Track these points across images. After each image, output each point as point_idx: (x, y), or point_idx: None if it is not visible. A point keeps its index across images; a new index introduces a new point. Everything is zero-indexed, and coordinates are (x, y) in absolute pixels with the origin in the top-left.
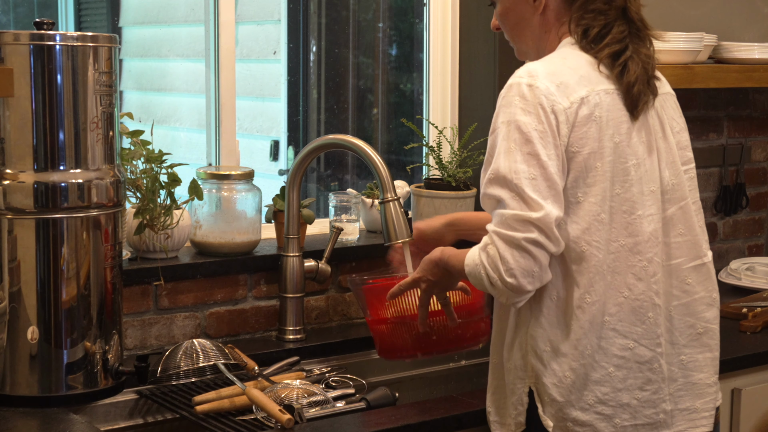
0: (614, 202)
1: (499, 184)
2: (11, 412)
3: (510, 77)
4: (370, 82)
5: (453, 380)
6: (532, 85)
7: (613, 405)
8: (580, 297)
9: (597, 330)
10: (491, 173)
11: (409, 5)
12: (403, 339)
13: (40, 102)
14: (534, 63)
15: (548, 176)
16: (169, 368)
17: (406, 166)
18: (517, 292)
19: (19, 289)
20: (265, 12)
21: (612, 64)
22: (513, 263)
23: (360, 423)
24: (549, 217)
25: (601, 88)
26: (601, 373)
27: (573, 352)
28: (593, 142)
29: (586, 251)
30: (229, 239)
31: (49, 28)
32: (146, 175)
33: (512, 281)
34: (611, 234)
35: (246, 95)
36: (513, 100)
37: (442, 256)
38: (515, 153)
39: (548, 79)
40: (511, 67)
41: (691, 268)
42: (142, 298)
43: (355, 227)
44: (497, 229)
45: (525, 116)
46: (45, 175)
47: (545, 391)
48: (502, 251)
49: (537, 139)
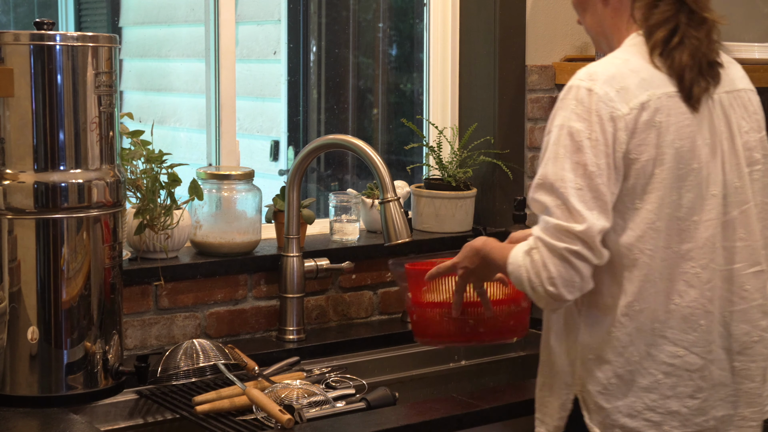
0: (670, 208)
1: (546, 191)
2: (11, 412)
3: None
4: (370, 82)
5: (453, 380)
6: (591, 90)
7: (662, 412)
8: (627, 304)
9: (645, 337)
10: (539, 178)
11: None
12: (438, 324)
13: (40, 102)
14: (596, 64)
15: (595, 187)
16: (169, 368)
17: (406, 166)
18: (556, 300)
19: (20, 289)
20: (265, 12)
21: (663, 53)
22: (555, 272)
23: (360, 423)
24: (592, 230)
25: (663, 91)
26: (650, 380)
27: (618, 359)
28: (652, 148)
29: (639, 259)
30: (229, 239)
31: (49, 28)
32: (146, 175)
33: (553, 290)
34: (665, 241)
35: (246, 95)
36: (570, 103)
37: (484, 246)
38: (564, 160)
39: (608, 83)
40: (511, 67)
41: (750, 274)
42: (142, 298)
43: (355, 227)
44: (542, 236)
45: (579, 123)
46: (45, 175)
47: (591, 398)
48: (545, 259)
49: (588, 148)
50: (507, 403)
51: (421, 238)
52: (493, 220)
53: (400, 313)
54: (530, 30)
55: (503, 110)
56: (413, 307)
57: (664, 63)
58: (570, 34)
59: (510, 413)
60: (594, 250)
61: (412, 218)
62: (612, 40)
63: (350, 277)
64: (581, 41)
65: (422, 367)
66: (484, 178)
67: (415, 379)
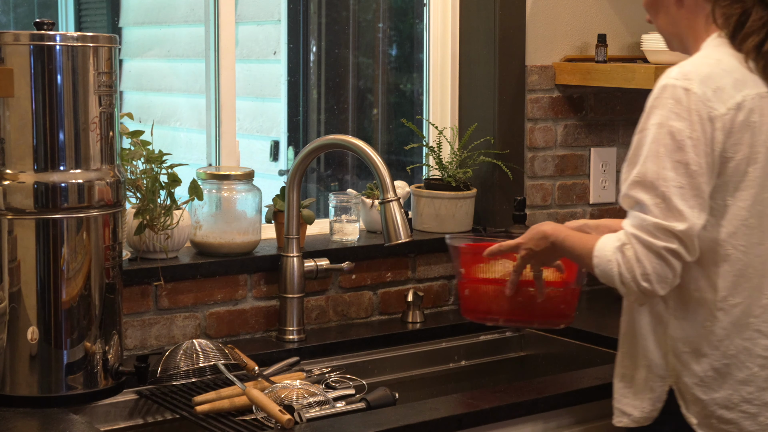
0: (762, 206)
1: (644, 188)
2: (11, 412)
3: (662, 76)
4: (370, 82)
5: (453, 380)
6: (689, 90)
7: (758, 404)
8: (722, 299)
9: (740, 331)
10: (638, 176)
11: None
12: (489, 301)
13: (40, 102)
14: (687, 64)
15: (696, 185)
16: (169, 368)
17: (406, 166)
18: (648, 295)
19: (19, 289)
20: (265, 12)
21: (757, 58)
22: (650, 269)
23: (360, 423)
24: (692, 230)
25: (756, 92)
26: (746, 373)
27: (715, 353)
28: (746, 147)
29: (732, 255)
30: (229, 239)
31: (49, 29)
32: (146, 175)
33: (647, 286)
34: (758, 238)
35: (246, 95)
36: (667, 102)
37: (556, 232)
38: (664, 159)
39: (704, 83)
40: (511, 67)
41: None
42: (142, 298)
43: (355, 227)
44: (637, 233)
45: (679, 122)
46: (45, 176)
47: (688, 390)
48: (640, 255)
49: (689, 147)
50: (507, 403)
51: (421, 238)
52: (493, 220)
53: (399, 313)
54: (530, 30)
55: (503, 110)
56: (466, 282)
57: (756, 66)
58: (570, 34)
59: (510, 413)
60: (690, 248)
61: (412, 218)
62: (687, 40)
63: (350, 278)
64: (581, 41)
65: (422, 367)
66: (484, 179)
67: (415, 379)
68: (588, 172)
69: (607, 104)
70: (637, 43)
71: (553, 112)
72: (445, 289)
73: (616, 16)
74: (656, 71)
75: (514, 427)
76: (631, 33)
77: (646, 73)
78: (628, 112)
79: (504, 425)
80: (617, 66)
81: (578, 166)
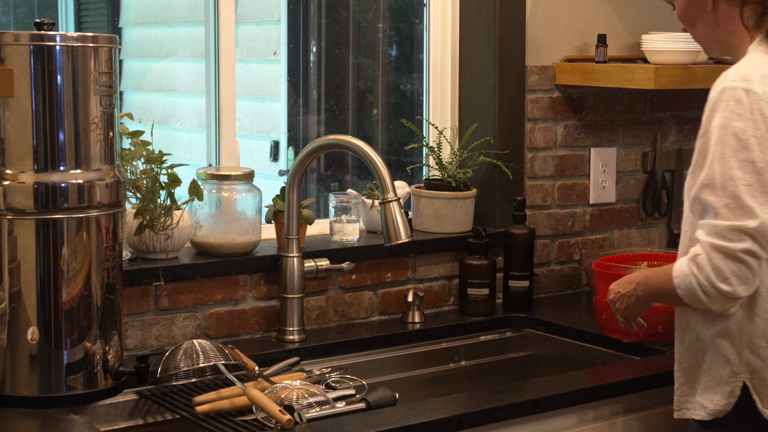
0: None
1: (713, 191)
2: (11, 412)
3: (719, 80)
4: (370, 82)
5: (453, 380)
6: (750, 90)
7: None
8: None
9: None
10: (706, 179)
11: (409, 6)
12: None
13: (41, 102)
14: (742, 66)
15: (764, 182)
16: (169, 369)
17: (406, 166)
18: (732, 299)
19: (19, 289)
20: (265, 12)
21: None
22: (728, 272)
23: (360, 423)
24: (764, 226)
25: None
26: None
27: None
28: None
29: None
30: (229, 240)
31: (49, 29)
32: (146, 175)
33: (728, 289)
34: None
35: (246, 95)
36: (728, 104)
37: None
38: (730, 159)
39: (763, 83)
40: (511, 68)
41: None
42: (142, 298)
43: (355, 228)
44: (711, 240)
45: (741, 122)
46: (45, 176)
47: (765, 384)
48: (716, 261)
49: (754, 145)
50: (507, 404)
51: (421, 238)
52: (493, 220)
53: (399, 313)
54: (530, 30)
55: (503, 110)
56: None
57: None
58: (570, 35)
59: (510, 413)
60: (765, 245)
61: (412, 219)
62: (729, 45)
63: (350, 278)
64: (581, 41)
65: (422, 367)
66: (484, 179)
67: (415, 379)
68: (588, 173)
69: (607, 104)
70: (637, 44)
71: (553, 112)
72: (445, 290)
73: (616, 16)
74: (656, 71)
75: (514, 427)
76: (631, 33)
77: (646, 73)
78: (628, 112)
79: (504, 425)
80: (617, 66)
81: (578, 167)
